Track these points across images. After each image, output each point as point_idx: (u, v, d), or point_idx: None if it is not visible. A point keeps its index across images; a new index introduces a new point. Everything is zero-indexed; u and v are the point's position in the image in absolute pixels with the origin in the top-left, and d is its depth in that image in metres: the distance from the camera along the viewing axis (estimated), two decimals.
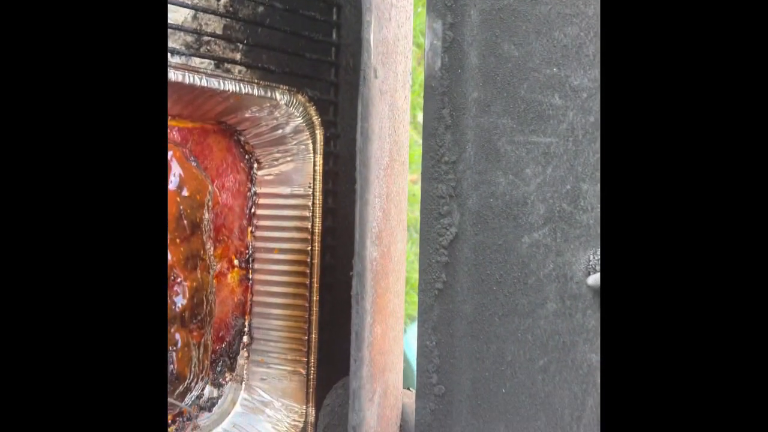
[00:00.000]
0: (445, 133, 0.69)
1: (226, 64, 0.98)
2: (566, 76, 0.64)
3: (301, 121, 0.92)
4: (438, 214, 0.70)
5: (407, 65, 0.76)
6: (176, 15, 0.99)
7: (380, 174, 0.69)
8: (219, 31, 1.00)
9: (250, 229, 0.99)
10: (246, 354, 0.99)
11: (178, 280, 0.79)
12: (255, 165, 0.98)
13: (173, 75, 0.78)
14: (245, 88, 0.85)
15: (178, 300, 0.79)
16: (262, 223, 0.98)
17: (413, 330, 1.64)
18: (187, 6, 0.93)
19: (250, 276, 0.99)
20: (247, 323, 0.99)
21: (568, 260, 0.67)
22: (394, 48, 0.71)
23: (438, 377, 0.70)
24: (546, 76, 0.67)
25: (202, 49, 0.99)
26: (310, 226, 0.94)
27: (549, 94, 0.67)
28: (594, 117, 0.64)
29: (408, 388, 0.87)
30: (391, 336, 0.76)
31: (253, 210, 0.98)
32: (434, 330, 0.71)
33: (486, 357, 0.71)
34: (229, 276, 0.97)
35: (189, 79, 0.79)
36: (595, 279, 0.59)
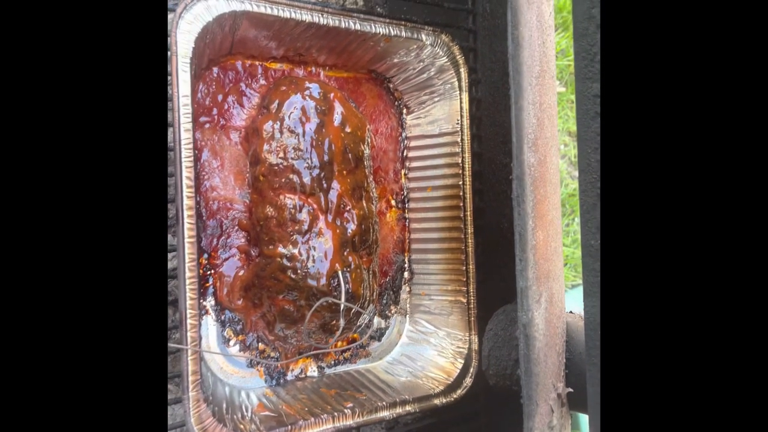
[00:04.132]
0: (597, 32, 0.70)
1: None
2: None
3: (446, 60, 0.97)
4: (594, 113, 0.71)
5: None
6: None
7: (532, 82, 0.71)
8: None
9: (403, 171, 1.05)
10: (408, 288, 1.05)
11: (348, 208, 0.86)
12: (404, 110, 1.04)
13: (331, 21, 0.85)
14: (394, 30, 0.91)
15: (349, 226, 0.86)
16: (414, 164, 1.04)
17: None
18: None
19: (407, 215, 1.05)
20: (406, 259, 1.05)
21: None
22: None
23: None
24: None
25: (347, 4, 1.07)
26: (460, 161, 0.98)
27: None
28: None
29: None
30: (552, 246, 0.77)
31: (405, 153, 1.05)
32: (597, 229, 0.72)
33: None
34: (387, 215, 1.03)
35: (345, 23, 0.86)
36: None
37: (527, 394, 0.73)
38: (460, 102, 0.98)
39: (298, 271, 0.83)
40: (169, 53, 0.73)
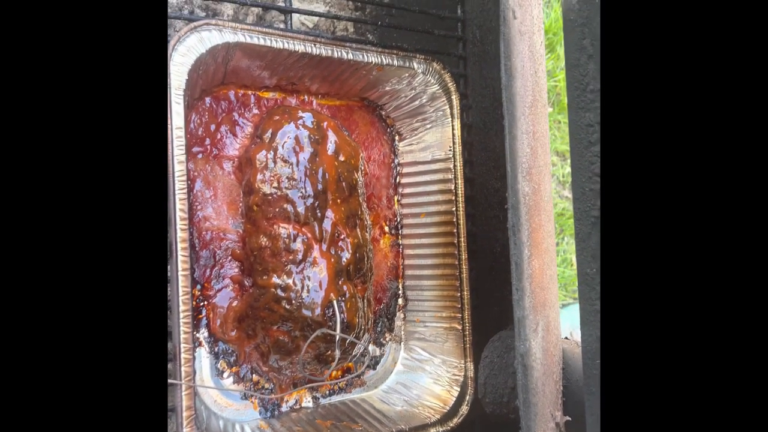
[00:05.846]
0: (588, 62, 0.70)
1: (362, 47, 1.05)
2: None
3: (438, 87, 0.97)
4: (588, 142, 0.71)
5: (540, 11, 0.79)
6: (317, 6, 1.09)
7: (525, 111, 0.72)
8: (351, 17, 1.07)
9: (396, 197, 1.05)
10: (402, 315, 1.04)
11: (342, 236, 0.86)
12: (396, 137, 1.04)
13: (323, 50, 0.85)
14: (386, 59, 0.91)
15: (344, 255, 0.86)
16: (407, 191, 1.04)
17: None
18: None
19: (400, 241, 1.05)
20: (400, 286, 1.04)
21: None
22: None
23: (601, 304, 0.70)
24: None
25: (337, 31, 1.07)
26: (453, 188, 0.98)
27: None
28: None
29: None
30: (548, 274, 0.77)
31: (398, 180, 1.05)
32: (594, 258, 0.72)
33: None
34: (381, 242, 1.03)
35: (337, 53, 0.86)
36: None
37: (526, 425, 0.72)
38: (452, 129, 0.98)
39: (293, 302, 0.82)
40: None
